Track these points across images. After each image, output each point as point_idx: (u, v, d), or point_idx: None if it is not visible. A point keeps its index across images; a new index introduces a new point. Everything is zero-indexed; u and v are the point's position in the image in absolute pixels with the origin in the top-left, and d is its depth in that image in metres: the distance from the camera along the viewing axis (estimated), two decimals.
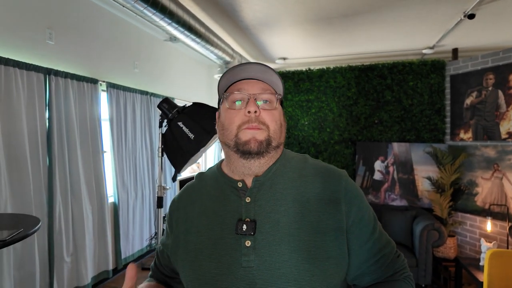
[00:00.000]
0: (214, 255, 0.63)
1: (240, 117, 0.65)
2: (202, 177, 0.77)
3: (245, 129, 0.64)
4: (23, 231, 1.54)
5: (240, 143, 0.64)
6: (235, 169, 0.68)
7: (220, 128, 0.70)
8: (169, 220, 0.76)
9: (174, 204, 0.77)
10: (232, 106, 0.67)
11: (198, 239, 0.66)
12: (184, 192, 0.77)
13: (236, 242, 0.62)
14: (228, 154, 0.69)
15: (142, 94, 3.69)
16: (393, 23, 3.76)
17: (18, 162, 2.28)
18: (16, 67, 2.25)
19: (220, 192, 0.69)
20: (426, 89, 3.71)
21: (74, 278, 2.75)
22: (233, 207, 0.66)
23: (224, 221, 0.65)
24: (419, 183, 3.62)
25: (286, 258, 0.59)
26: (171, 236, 0.74)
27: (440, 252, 3.28)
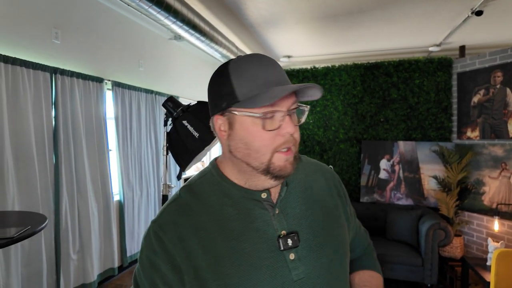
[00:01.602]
0: (262, 281, 0.55)
1: (275, 139, 0.55)
2: (194, 193, 0.61)
3: (280, 153, 0.56)
4: (30, 228, 1.55)
5: (274, 168, 0.56)
6: (257, 185, 0.59)
7: (240, 144, 0.56)
8: (164, 259, 0.56)
9: (163, 238, 0.57)
10: (264, 125, 0.54)
11: (236, 268, 0.55)
12: (174, 217, 0.59)
13: (280, 259, 0.57)
14: (248, 172, 0.58)
15: (147, 92, 3.70)
16: (399, 20, 3.73)
17: (25, 161, 2.30)
18: (23, 66, 2.27)
19: (239, 208, 0.59)
20: (432, 87, 3.67)
21: (81, 275, 2.78)
22: (262, 222, 0.58)
23: (260, 239, 0.57)
24: (425, 182, 3.59)
25: (330, 259, 0.61)
26: (182, 277, 0.56)
27: (446, 251, 3.25)
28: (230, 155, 0.59)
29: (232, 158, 0.59)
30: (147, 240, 0.59)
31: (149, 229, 0.60)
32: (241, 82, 0.55)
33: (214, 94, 0.59)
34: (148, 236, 0.59)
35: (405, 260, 2.97)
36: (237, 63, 0.57)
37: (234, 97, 0.55)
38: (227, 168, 0.62)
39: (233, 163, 0.60)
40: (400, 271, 2.99)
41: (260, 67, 0.56)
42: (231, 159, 0.60)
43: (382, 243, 3.22)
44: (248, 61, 0.57)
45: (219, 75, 0.58)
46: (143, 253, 0.59)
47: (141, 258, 0.60)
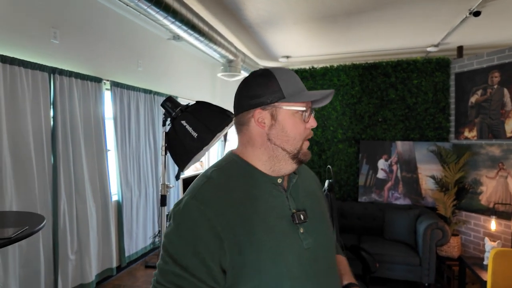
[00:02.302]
0: (285, 247, 0.68)
1: (305, 130, 0.74)
2: (225, 175, 0.72)
3: (307, 142, 0.75)
4: (28, 228, 1.55)
5: (302, 153, 0.74)
6: (280, 169, 0.74)
7: (281, 132, 0.71)
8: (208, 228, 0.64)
9: (205, 211, 0.65)
10: (301, 118, 0.73)
11: (268, 236, 0.67)
12: (213, 193, 0.68)
13: (294, 231, 0.71)
14: (279, 157, 0.73)
15: (145, 92, 3.70)
16: (397, 21, 3.74)
17: (23, 161, 2.30)
18: (21, 66, 2.26)
19: (263, 189, 0.72)
20: (430, 87, 3.69)
21: (79, 275, 2.77)
22: (280, 201, 0.73)
23: (279, 214, 0.71)
24: (422, 182, 3.60)
25: (326, 234, 0.79)
26: (222, 244, 0.63)
27: (444, 251, 3.27)
28: (267, 143, 0.72)
29: (268, 145, 0.72)
30: (186, 214, 0.66)
31: (187, 205, 0.67)
32: (285, 84, 0.72)
33: (258, 91, 0.72)
34: (188, 211, 0.66)
35: (403, 259, 2.98)
36: (277, 71, 0.73)
37: (281, 95, 0.71)
38: (253, 157, 0.74)
39: (266, 150, 0.73)
40: (398, 271, 3.00)
41: (294, 76, 0.75)
42: (265, 147, 0.73)
43: (380, 242, 3.23)
44: (284, 71, 0.74)
45: (264, 77, 0.72)
46: (182, 226, 0.65)
47: (179, 232, 0.65)
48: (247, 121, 0.73)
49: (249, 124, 0.73)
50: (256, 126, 0.72)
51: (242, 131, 0.75)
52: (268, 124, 0.71)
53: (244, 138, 0.75)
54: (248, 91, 0.73)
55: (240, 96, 0.75)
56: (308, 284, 0.69)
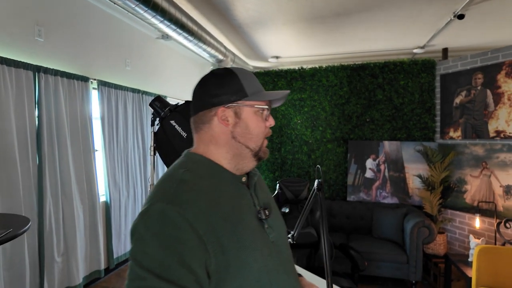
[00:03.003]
0: (259, 242, 0.70)
1: (265, 128, 0.76)
2: (198, 175, 0.69)
3: (266, 140, 0.77)
4: (12, 231, 1.51)
5: (262, 151, 0.76)
6: (243, 167, 0.75)
7: (245, 130, 0.73)
8: (190, 232, 0.60)
9: (185, 215, 0.61)
10: (262, 117, 0.75)
11: (246, 233, 0.68)
12: (190, 195, 0.64)
13: (261, 225, 0.74)
14: (243, 155, 0.74)
15: (134, 92, 3.65)
16: (385, 22, 3.80)
17: (6, 161, 2.24)
18: (4, 64, 2.21)
19: (233, 187, 0.73)
20: (416, 88, 3.76)
21: (65, 278, 2.72)
22: (247, 198, 0.74)
23: (249, 211, 0.73)
24: (409, 181, 3.67)
25: (283, 228, 0.83)
26: (206, 247, 0.60)
27: (430, 248, 3.33)
28: (232, 141, 0.72)
29: (232, 143, 0.73)
30: (165, 221, 0.59)
31: (164, 211, 0.60)
32: (247, 83, 0.73)
33: (220, 90, 0.72)
34: (167, 217, 0.60)
35: (390, 257, 3.03)
36: (238, 71, 0.74)
37: (244, 93, 0.72)
38: (217, 155, 0.73)
39: (230, 148, 0.73)
40: (386, 269, 3.05)
41: (253, 77, 0.76)
42: (229, 145, 0.73)
43: (368, 241, 3.27)
44: (245, 71, 0.76)
45: (226, 77, 0.73)
46: (163, 235, 0.58)
47: (160, 242, 0.58)
48: (209, 120, 0.72)
49: (211, 122, 0.72)
50: (219, 124, 0.72)
51: (203, 130, 0.74)
52: (232, 122, 0.72)
53: (205, 137, 0.74)
54: (209, 90, 0.73)
55: (200, 94, 0.74)
56: (281, 276, 0.72)
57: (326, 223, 1.91)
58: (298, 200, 3.35)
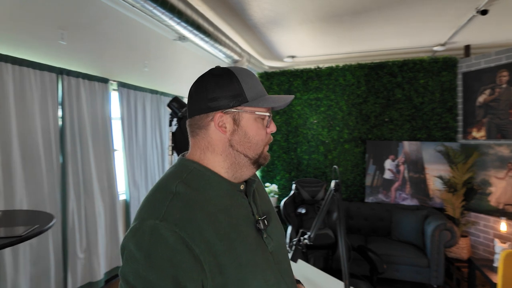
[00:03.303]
0: (258, 254, 0.67)
1: (266, 136, 0.71)
2: (193, 188, 0.64)
3: (266, 147, 0.73)
4: (38, 227, 1.57)
5: (262, 158, 0.71)
6: (241, 175, 0.71)
7: (244, 138, 0.67)
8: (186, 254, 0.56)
9: (180, 234, 0.57)
10: (263, 123, 0.70)
11: (244, 248, 0.64)
12: (185, 212, 0.60)
13: (259, 236, 0.70)
14: (241, 163, 0.69)
15: (152, 93, 3.72)
16: (404, 20, 3.71)
17: (32, 160, 2.33)
18: (30, 67, 2.30)
19: (230, 197, 0.68)
20: (437, 87, 3.66)
21: (88, 273, 2.80)
22: (245, 208, 0.70)
23: (247, 222, 0.69)
24: (430, 182, 3.57)
25: (282, 236, 0.79)
26: (203, 266, 0.57)
27: (453, 252, 3.23)
28: (229, 150, 0.68)
29: (230, 152, 0.68)
30: (157, 241, 0.55)
31: (156, 229, 0.56)
32: (248, 86, 0.67)
33: (219, 93, 0.66)
34: (159, 236, 0.55)
35: (410, 260, 2.96)
36: (238, 72, 0.68)
37: (244, 98, 0.66)
38: (213, 163, 0.68)
39: (228, 157, 0.68)
40: (406, 272, 2.98)
41: (255, 79, 0.70)
42: (227, 154, 0.68)
43: (387, 243, 3.21)
44: (246, 72, 0.69)
45: (225, 78, 0.66)
46: (155, 256, 0.54)
47: (152, 263, 0.54)
48: (206, 125, 0.67)
49: (208, 128, 0.67)
50: (216, 131, 0.67)
51: (199, 135, 0.68)
52: (230, 129, 0.66)
53: (202, 143, 0.68)
54: (207, 93, 0.66)
55: (197, 97, 0.67)
56: (281, 287, 0.69)
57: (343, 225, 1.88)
58: (314, 201, 3.33)
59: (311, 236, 1.97)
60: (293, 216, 3.28)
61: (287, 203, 3.32)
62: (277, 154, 4.35)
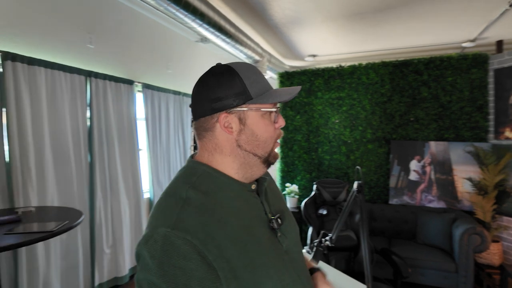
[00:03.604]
0: (273, 255, 0.65)
1: (274, 132, 0.69)
2: (202, 192, 0.63)
3: (277, 143, 0.70)
4: (68, 223, 1.65)
5: (272, 156, 0.69)
6: (252, 175, 0.69)
7: (251, 137, 0.65)
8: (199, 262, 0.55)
9: (193, 242, 0.56)
10: (270, 119, 0.67)
11: (258, 250, 0.62)
12: (197, 218, 0.59)
13: (274, 236, 0.68)
14: (251, 163, 0.67)
15: (175, 94, 3.81)
16: (430, 15, 3.59)
17: (63, 159, 2.44)
18: (60, 70, 2.41)
19: (242, 199, 0.67)
20: (466, 84, 3.50)
21: (113, 269, 2.90)
22: (257, 208, 0.69)
23: (260, 222, 0.67)
24: (458, 184, 3.42)
25: (296, 233, 0.77)
26: (217, 273, 0.56)
27: (483, 258, 3.09)
28: (237, 150, 0.66)
29: (238, 152, 0.66)
30: (169, 249, 0.55)
31: (168, 238, 0.55)
32: (251, 82, 0.65)
33: (221, 93, 0.64)
34: (171, 245, 0.55)
35: (437, 265, 2.85)
36: (239, 68, 0.66)
37: (248, 96, 0.64)
38: (223, 165, 0.67)
39: (236, 157, 0.66)
40: (432, 277, 2.88)
41: (258, 73, 0.68)
42: (235, 154, 0.66)
43: (412, 247, 3.11)
44: (247, 67, 0.67)
45: (226, 76, 0.64)
46: (167, 264, 0.54)
47: (164, 271, 0.54)
48: (212, 127, 0.65)
49: (214, 130, 0.65)
50: (222, 132, 0.65)
51: (206, 138, 0.67)
52: (236, 129, 0.64)
53: (209, 145, 0.67)
54: (209, 93, 0.64)
55: (200, 99, 0.66)
56: (297, 287, 0.67)
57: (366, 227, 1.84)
58: (336, 202, 3.28)
59: (333, 237, 1.95)
60: (314, 217, 3.25)
61: (307, 204, 3.29)
62: (297, 154, 4.32)
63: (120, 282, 2.91)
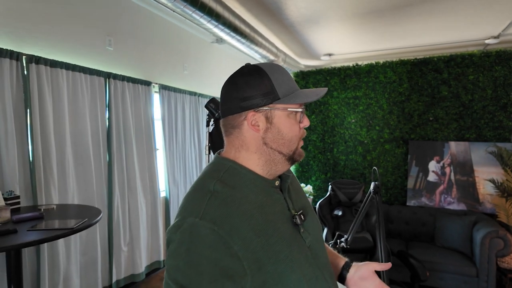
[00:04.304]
0: (296, 250, 0.67)
1: (299, 131, 0.71)
2: (229, 186, 0.66)
3: (301, 142, 0.73)
4: (87, 220, 1.70)
5: (297, 154, 0.72)
6: (276, 172, 0.72)
7: (277, 136, 0.68)
8: (224, 251, 0.58)
9: (219, 232, 0.59)
10: (296, 119, 0.70)
11: (282, 244, 0.64)
12: (223, 210, 0.62)
13: (297, 232, 0.71)
14: (276, 160, 0.70)
15: (191, 94, 3.85)
16: (451, 12, 3.48)
17: (83, 159, 2.52)
18: (81, 72, 2.48)
19: (266, 195, 0.69)
20: (489, 83, 3.38)
21: (130, 266, 2.97)
22: (280, 203, 0.71)
23: (283, 218, 0.69)
24: (480, 186, 3.31)
25: (319, 229, 0.79)
26: (242, 263, 0.58)
27: (506, 262, 2.97)
28: (263, 148, 0.69)
29: (264, 150, 0.69)
30: (196, 238, 0.58)
31: (196, 227, 0.59)
32: (279, 83, 0.67)
33: (250, 92, 0.67)
34: (198, 234, 0.58)
35: (456, 269, 2.77)
36: (268, 69, 0.68)
37: (275, 95, 0.67)
38: (248, 161, 0.70)
39: (262, 155, 0.69)
40: (451, 281, 2.80)
41: (286, 74, 0.70)
42: (261, 151, 0.69)
43: (430, 250, 3.03)
44: (276, 67, 0.70)
45: (256, 76, 0.67)
46: (194, 252, 0.57)
47: (190, 258, 0.57)
48: (239, 124, 0.68)
49: (242, 127, 0.68)
50: (249, 130, 0.68)
51: (233, 134, 0.70)
52: (263, 127, 0.67)
53: (236, 142, 0.70)
54: (238, 92, 0.67)
55: (229, 97, 0.68)
56: (320, 282, 0.69)
57: (383, 228, 1.81)
58: (352, 203, 3.24)
59: (348, 239, 1.92)
60: (329, 218, 3.22)
61: (322, 205, 3.26)
62: (312, 155, 4.29)
63: (137, 279, 2.98)
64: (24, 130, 2.14)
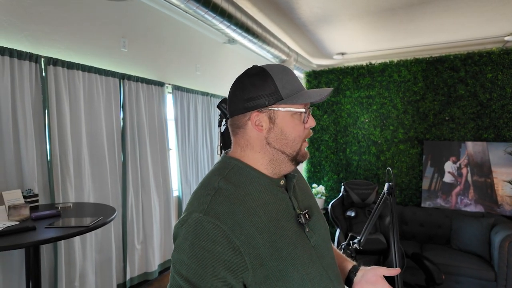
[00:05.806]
0: (299, 249, 0.68)
1: (303, 131, 0.72)
2: (233, 183, 0.68)
3: (305, 142, 0.73)
4: (102, 219, 1.74)
5: (300, 155, 0.72)
6: (280, 171, 0.73)
7: (280, 136, 0.69)
8: (226, 246, 0.60)
9: (222, 227, 0.60)
10: (299, 119, 0.70)
11: (284, 242, 0.66)
12: (227, 206, 0.63)
13: (301, 230, 0.71)
14: (279, 160, 0.71)
15: (203, 95, 3.88)
16: (468, 8, 3.39)
17: (98, 158, 2.57)
18: (96, 73, 2.54)
19: (270, 193, 0.70)
20: (509, 81, 3.28)
21: (144, 264, 3.02)
22: (285, 202, 0.72)
23: (287, 217, 0.70)
24: (498, 187, 3.21)
25: (325, 229, 0.80)
26: (244, 259, 0.60)
27: None
28: (267, 147, 0.70)
29: (268, 149, 0.70)
30: (200, 232, 0.60)
31: (200, 222, 0.61)
32: (282, 84, 0.69)
33: (254, 93, 0.68)
34: (201, 228, 0.60)
35: (473, 272, 2.70)
36: (272, 70, 0.70)
37: (279, 96, 0.68)
38: (253, 160, 0.71)
39: (266, 154, 0.71)
40: (468, 284, 2.72)
41: (290, 74, 0.71)
42: (264, 151, 0.70)
43: (446, 252, 2.96)
44: (281, 69, 0.71)
45: (260, 77, 0.69)
46: (197, 246, 0.59)
47: (194, 252, 0.59)
48: (244, 124, 0.70)
49: (246, 127, 0.70)
50: (253, 130, 0.69)
51: (239, 134, 0.72)
52: (266, 127, 0.69)
53: (241, 141, 0.72)
54: (243, 93, 0.69)
55: (234, 98, 0.71)
56: (324, 281, 0.69)
57: (397, 230, 1.78)
58: (365, 204, 3.19)
59: (361, 240, 1.90)
60: (342, 219, 3.19)
61: (334, 206, 3.23)
62: (324, 155, 4.25)
63: (150, 277, 3.02)
64: (42, 130, 2.20)
